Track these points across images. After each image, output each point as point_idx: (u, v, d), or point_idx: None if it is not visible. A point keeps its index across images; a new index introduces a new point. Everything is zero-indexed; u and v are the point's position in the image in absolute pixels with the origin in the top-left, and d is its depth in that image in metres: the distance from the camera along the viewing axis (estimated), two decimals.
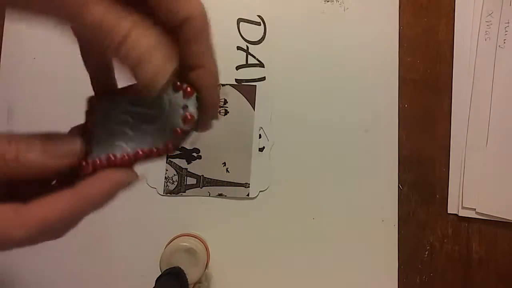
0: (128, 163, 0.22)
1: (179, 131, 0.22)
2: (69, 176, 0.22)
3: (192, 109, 0.22)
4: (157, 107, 0.22)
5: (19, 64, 0.50)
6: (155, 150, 0.22)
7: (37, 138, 0.20)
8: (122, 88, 0.23)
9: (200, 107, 0.22)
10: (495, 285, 0.46)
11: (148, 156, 0.22)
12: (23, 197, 0.20)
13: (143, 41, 0.19)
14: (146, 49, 0.19)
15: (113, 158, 0.22)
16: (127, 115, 0.23)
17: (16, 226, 0.19)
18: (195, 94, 0.22)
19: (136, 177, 0.22)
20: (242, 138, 0.48)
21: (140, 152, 0.22)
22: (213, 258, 0.46)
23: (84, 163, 0.22)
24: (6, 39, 0.51)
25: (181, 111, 0.22)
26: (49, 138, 0.20)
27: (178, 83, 0.22)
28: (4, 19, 0.51)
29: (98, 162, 0.22)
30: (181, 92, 0.22)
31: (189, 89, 0.22)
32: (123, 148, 0.23)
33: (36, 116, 0.50)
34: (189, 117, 0.22)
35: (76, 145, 0.21)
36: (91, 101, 0.24)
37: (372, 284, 0.47)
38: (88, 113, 0.24)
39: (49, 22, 0.20)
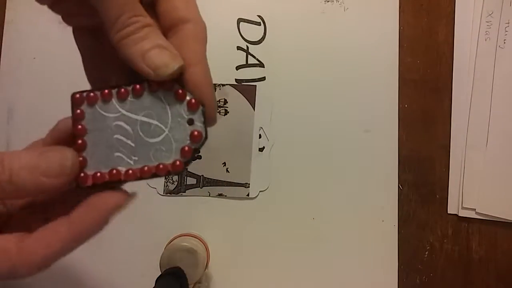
0: (133, 179, 0.21)
1: (186, 149, 0.21)
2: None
3: (199, 124, 0.21)
4: (156, 116, 0.21)
5: (19, 64, 0.50)
6: (161, 166, 0.21)
7: (28, 155, 0.19)
8: (112, 86, 0.22)
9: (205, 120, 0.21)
10: (495, 285, 0.46)
11: (156, 173, 0.21)
12: None
13: (159, 34, 0.21)
14: (162, 40, 0.21)
15: (115, 172, 0.21)
16: (122, 122, 0.21)
17: (19, 265, 0.19)
18: (201, 108, 0.21)
19: (130, 198, 0.21)
20: (242, 138, 0.48)
21: (146, 168, 0.21)
22: (213, 258, 0.46)
23: (82, 174, 0.21)
24: (6, 39, 0.51)
25: (187, 126, 0.21)
26: (41, 155, 0.19)
27: (180, 90, 0.21)
28: (4, 19, 0.51)
29: (98, 175, 0.21)
30: (184, 103, 0.21)
31: (193, 101, 0.21)
32: (125, 161, 0.21)
33: (36, 116, 0.50)
34: (196, 134, 0.21)
35: (68, 161, 0.20)
36: (77, 99, 0.22)
37: (372, 284, 0.47)
38: (76, 115, 0.21)
39: None
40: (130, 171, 0.21)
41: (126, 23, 0.20)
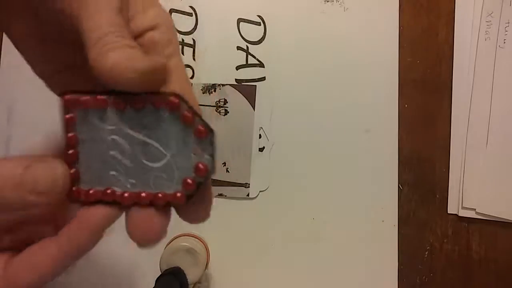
0: (127, 203, 0.19)
1: (189, 181, 0.18)
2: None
3: (206, 156, 0.18)
4: (158, 137, 0.19)
5: (19, 64, 0.50)
6: (160, 195, 0.19)
7: (11, 168, 0.17)
8: (108, 92, 0.18)
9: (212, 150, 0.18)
10: (495, 285, 0.46)
11: (153, 202, 0.19)
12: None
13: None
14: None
15: (110, 192, 0.19)
16: (120, 137, 0.19)
17: None
18: (210, 137, 0.18)
19: (120, 213, 0.19)
20: (242, 138, 0.48)
21: (144, 195, 0.19)
22: (213, 258, 0.46)
23: (74, 188, 0.19)
24: (6, 39, 0.51)
25: (192, 156, 0.18)
26: (27, 168, 0.17)
27: (187, 112, 0.18)
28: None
29: (91, 192, 0.19)
30: (191, 129, 0.18)
31: (201, 128, 0.18)
32: (121, 182, 0.19)
33: (36, 116, 0.50)
34: (201, 167, 0.18)
35: (59, 180, 0.18)
36: (67, 101, 0.19)
37: (372, 284, 0.47)
38: (67, 120, 0.19)
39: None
40: (126, 194, 0.19)
41: (107, 40, 0.17)
